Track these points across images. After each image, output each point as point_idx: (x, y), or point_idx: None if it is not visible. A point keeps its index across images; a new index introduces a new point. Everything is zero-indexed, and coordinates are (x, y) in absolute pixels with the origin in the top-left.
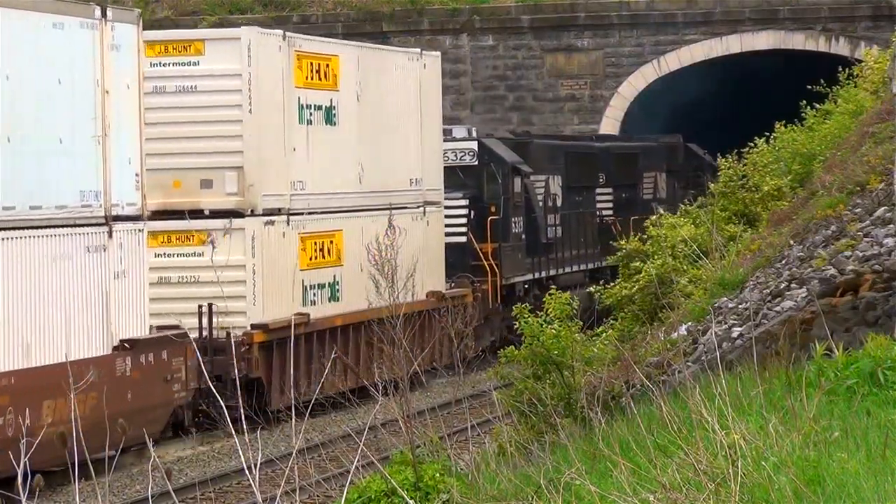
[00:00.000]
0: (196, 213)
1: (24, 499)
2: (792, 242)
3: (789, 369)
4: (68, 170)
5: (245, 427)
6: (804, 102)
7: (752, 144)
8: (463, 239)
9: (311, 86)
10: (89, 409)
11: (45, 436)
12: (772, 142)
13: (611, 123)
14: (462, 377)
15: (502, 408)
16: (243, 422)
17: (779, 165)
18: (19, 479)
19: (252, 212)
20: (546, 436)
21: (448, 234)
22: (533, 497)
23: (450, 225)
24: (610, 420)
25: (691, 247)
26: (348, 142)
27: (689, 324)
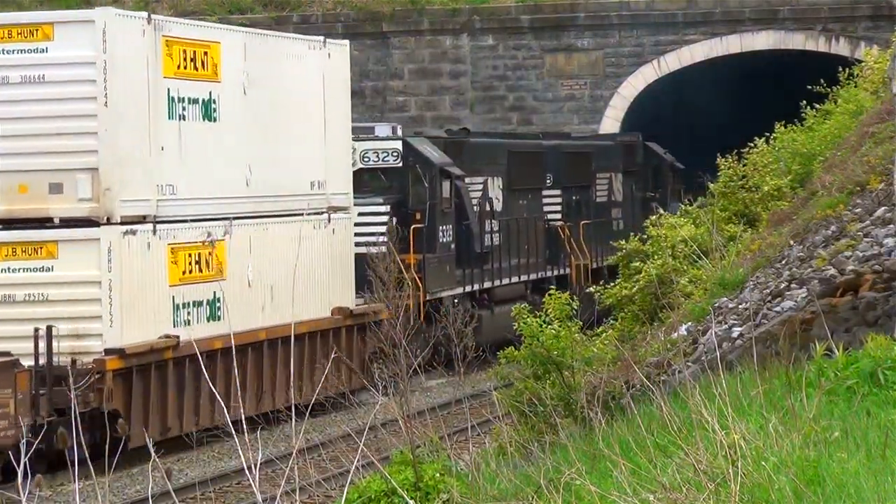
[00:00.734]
0: (44, 222)
1: (24, 499)
2: (792, 242)
3: (789, 369)
4: None
5: (91, 468)
6: (804, 102)
7: (752, 144)
8: (382, 249)
9: (185, 76)
10: None
11: None
12: (772, 142)
13: (611, 123)
14: (462, 378)
15: (502, 408)
16: (89, 462)
17: (779, 165)
18: (19, 479)
19: (108, 220)
20: (546, 436)
21: (365, 245)
22: (533, 497)
23: (368, 234)
24: (610, 420)
25: (691, 247)
26: (232, 140)
27: (689, 324)
